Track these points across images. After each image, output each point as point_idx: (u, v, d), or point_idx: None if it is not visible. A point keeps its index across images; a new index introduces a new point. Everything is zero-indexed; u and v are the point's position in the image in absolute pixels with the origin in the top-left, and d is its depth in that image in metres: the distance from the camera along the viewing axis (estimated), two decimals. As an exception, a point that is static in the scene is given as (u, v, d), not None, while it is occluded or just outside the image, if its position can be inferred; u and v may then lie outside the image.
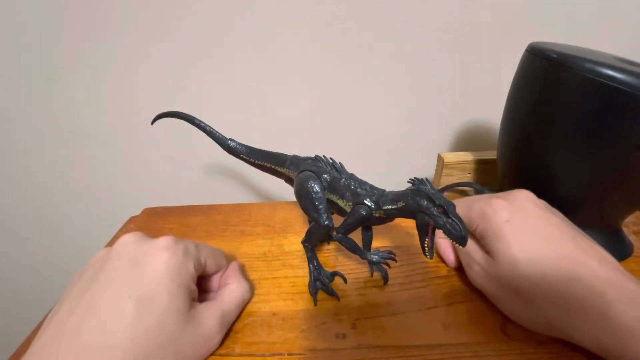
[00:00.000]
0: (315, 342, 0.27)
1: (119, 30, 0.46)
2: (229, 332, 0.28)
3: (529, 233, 0.27)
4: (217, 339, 0.26)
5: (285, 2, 0.45)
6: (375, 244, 0.35)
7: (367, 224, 0.31)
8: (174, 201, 0.49)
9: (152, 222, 0.44)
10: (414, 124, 0.54)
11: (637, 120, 0.28)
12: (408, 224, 0.40)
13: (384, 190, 0.29)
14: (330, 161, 0.31)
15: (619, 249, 0.35)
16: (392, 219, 0.28)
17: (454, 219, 0.24)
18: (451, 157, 0.47)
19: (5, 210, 0.59)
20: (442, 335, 0.28)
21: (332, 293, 0.31)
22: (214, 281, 0.30)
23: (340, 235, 0.29)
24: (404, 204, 0.26)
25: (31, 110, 0.51)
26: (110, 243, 0.40)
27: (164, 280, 0.24)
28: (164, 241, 0.26)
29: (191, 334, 0.24)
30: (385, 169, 0.57)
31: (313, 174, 0.31)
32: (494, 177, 0.44)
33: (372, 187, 0.29)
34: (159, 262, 0.24)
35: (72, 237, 0.62)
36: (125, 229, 0.43)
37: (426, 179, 0.26)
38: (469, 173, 0.48)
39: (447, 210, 0.24)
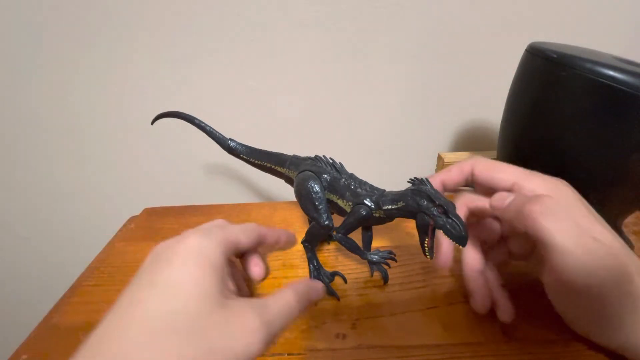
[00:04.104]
0: (315, 342, 0.27)
1: (119, 30, 0.46)
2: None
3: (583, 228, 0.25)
4: (256, 344, 0.21)
5: (285, 2, 0.45)
6: (375, 244, 0.35)
7: (367, 224, 0.31)
8: (174, 201, 0.49)
9: (152, 222, 0.44)
10: (414, 124, 0.54)
11: (637, 120, 0.28)
12: (408, 224, 0.40)
13: (384, 190, 0.29)
14: (330, 161, 0.31)
15: (619, 249, 0.35)
16: (392, 219, 0.28)
17: (454, 219, 0.24)
18: (451, 157, 0.47)
19: (5, 210, 0.59)
20: (442, 335, 0.28)
21: (332, 293, 0.31)
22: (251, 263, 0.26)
23: (340, 235, 0.29)
24: (404, 204, 0.26)
25: (31, 110, 0.51)
26: (110, 243, 0.40)
27: (188, 265, 0.23)
28: (192, 230, 0.25)
29: (221, 322, 0.21)
30: (385, 169, 0.57)
31: (313, 174, 0.31)
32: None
33: (372, 187, 0.29)
34: (183, 248, 0.24)
35: (72, 237, 0.62)
36: (125, 229, 0.43)
37: (426, 178, 0.26)
38: (469, 173, 0.48)
39: (447, 210, 0.24)
